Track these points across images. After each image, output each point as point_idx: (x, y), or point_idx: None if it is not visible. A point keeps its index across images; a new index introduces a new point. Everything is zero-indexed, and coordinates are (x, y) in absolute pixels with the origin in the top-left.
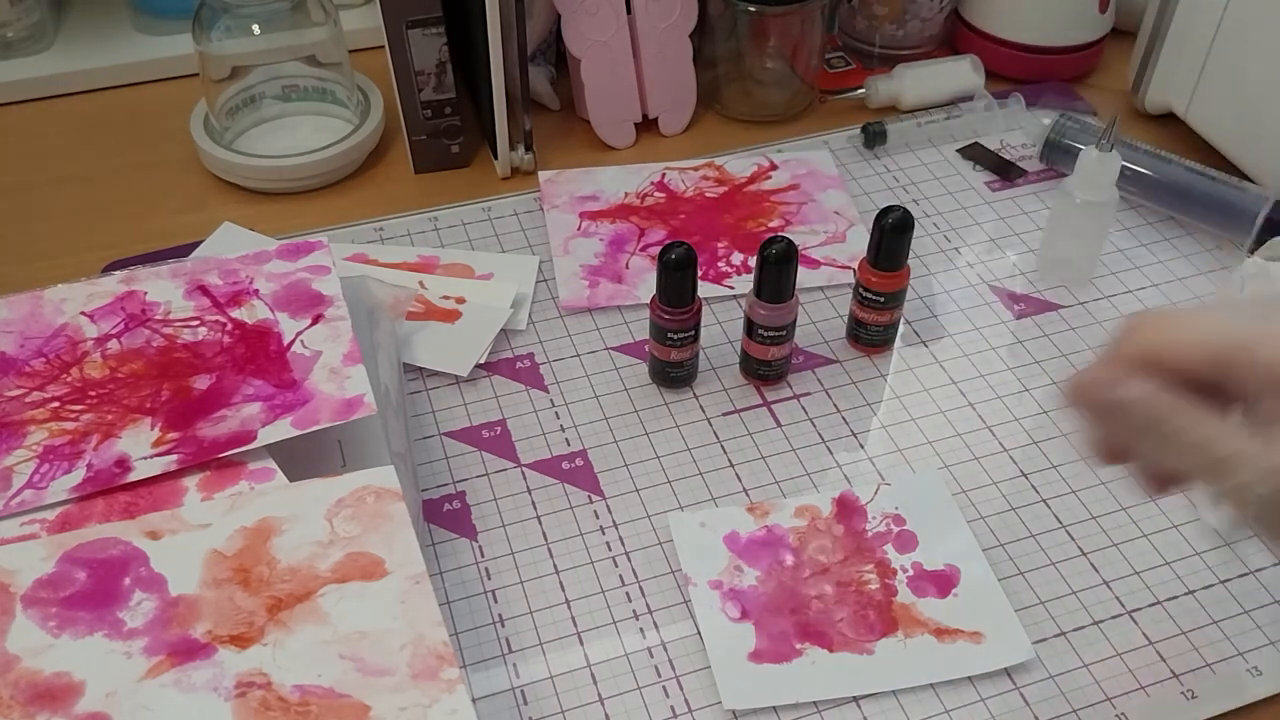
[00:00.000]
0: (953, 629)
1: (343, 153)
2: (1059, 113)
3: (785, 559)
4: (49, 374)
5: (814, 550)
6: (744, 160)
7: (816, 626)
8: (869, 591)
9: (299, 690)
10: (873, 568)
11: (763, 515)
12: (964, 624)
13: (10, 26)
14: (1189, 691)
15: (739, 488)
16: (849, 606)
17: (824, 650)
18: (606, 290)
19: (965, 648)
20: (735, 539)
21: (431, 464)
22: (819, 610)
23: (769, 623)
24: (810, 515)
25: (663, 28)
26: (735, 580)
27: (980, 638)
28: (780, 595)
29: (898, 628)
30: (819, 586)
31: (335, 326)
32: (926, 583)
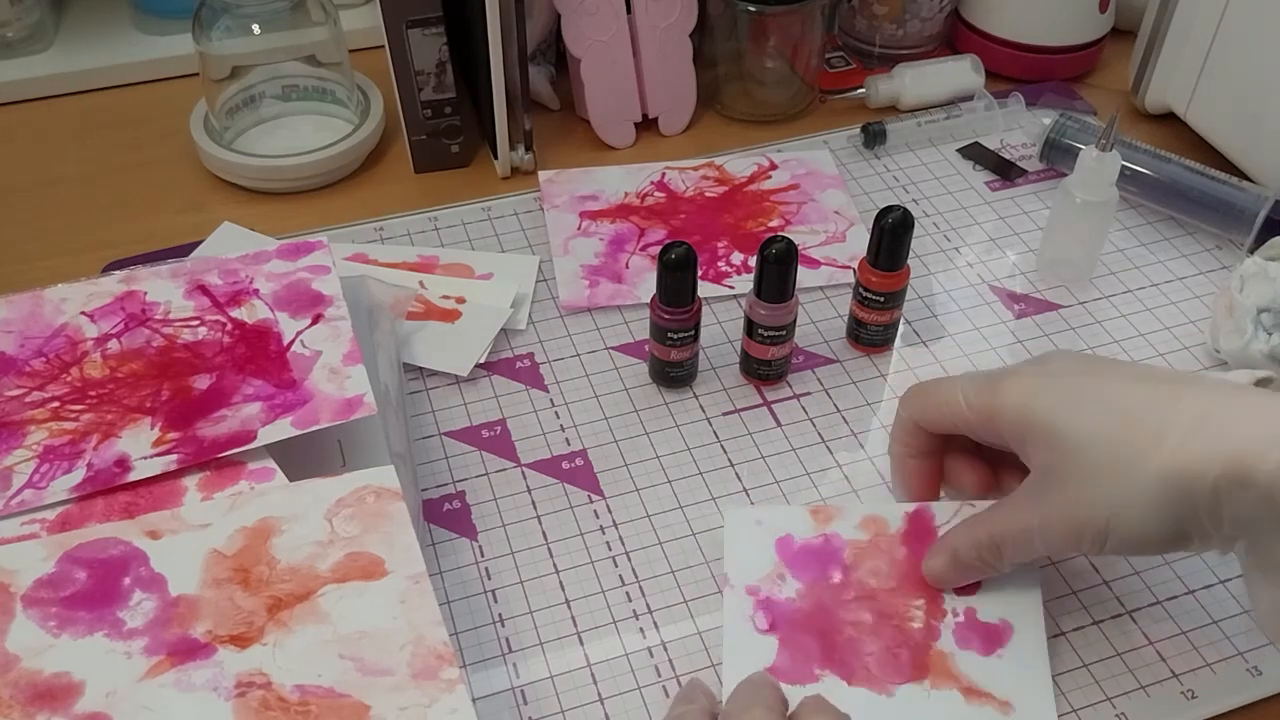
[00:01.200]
0: (984, 691)
1: (343, 153)
2: (1059, 113)
3: (833, 575)
4: (49, 374)
5: (866, 571)
6: (744, 160)
7: (843, 654)
8: (909, 629)
9: (299, 690)
10: (922, 604)
11: (825, 521)
12: (996, 689)
13: (10, 26)
14: (1189, 691)
15: (739, 488)
16: (883, 640)
17: (843, 681)
18: (606, 290)
19: (990, 715)
20: (788, 544)
21: (431, 464)
22: (850, 638)
23: (795, 641)
24: (875, 530)
25: (663, 28)
26: (774, 590)
27: (1009, 709)
28: (815, 615)
29: (927, 674)
30: (858, 613)
31: (335, 326)
32: (973, 635)
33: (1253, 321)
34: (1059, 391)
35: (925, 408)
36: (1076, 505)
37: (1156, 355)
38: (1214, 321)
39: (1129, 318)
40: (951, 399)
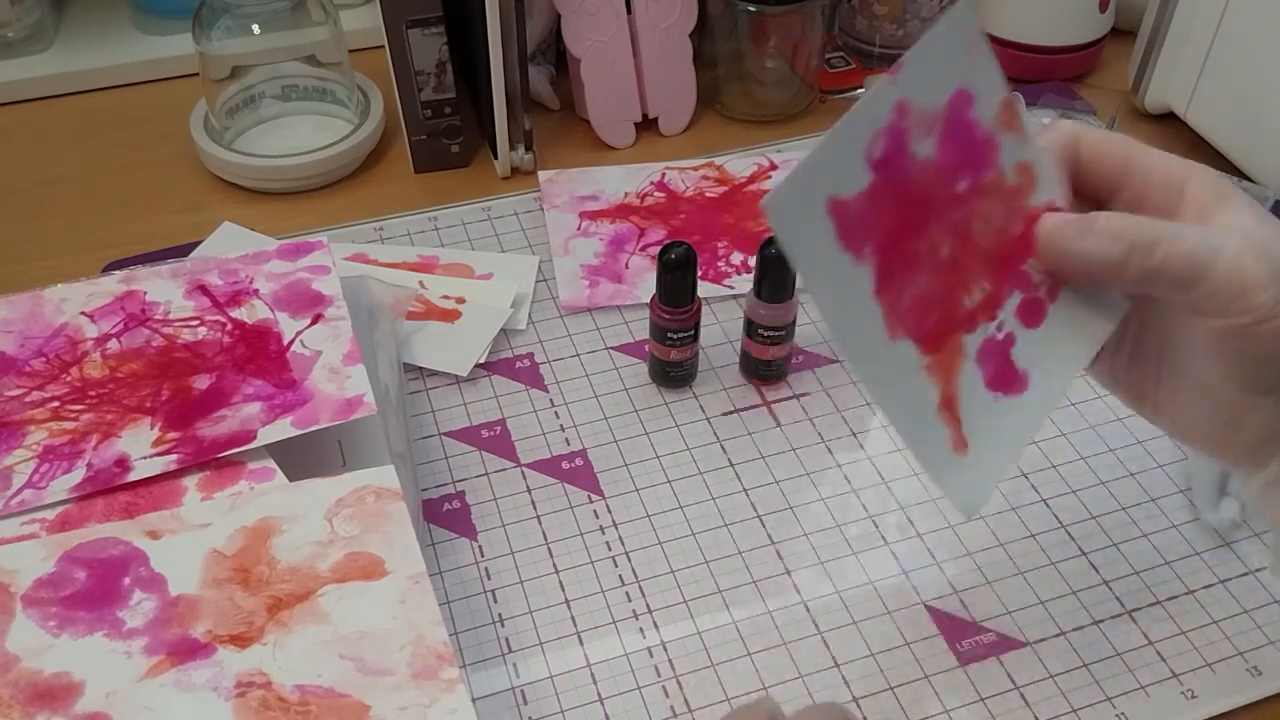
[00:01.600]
0: (957, 415)
1: (343, 153)
2: (1059, 112)
3: (961, 183)
4: (49, 374)
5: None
6: (744, 160)
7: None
8: (959, 300)
9: (299, 690)
10: (988, 289)
11: (1005, 126)
12: (967, 423)
13: (10, 26)
14: (1189, 691)
15: (739, 488)
16: (934, 283)
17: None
18: (606, 290)
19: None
20: (966, 103)
21: (431, 464)
22: (915, 251)
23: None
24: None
25: (663, 28)
26: (916, 132)
27: (964, 449)
28: (916, 199)
29: (934, 353)
30: (943, 236)
31: (335, 326)
32: (993, 362)
33: None
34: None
35: (1097, 135)
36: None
37: None
38: None
39: None
40: (1133, 141)
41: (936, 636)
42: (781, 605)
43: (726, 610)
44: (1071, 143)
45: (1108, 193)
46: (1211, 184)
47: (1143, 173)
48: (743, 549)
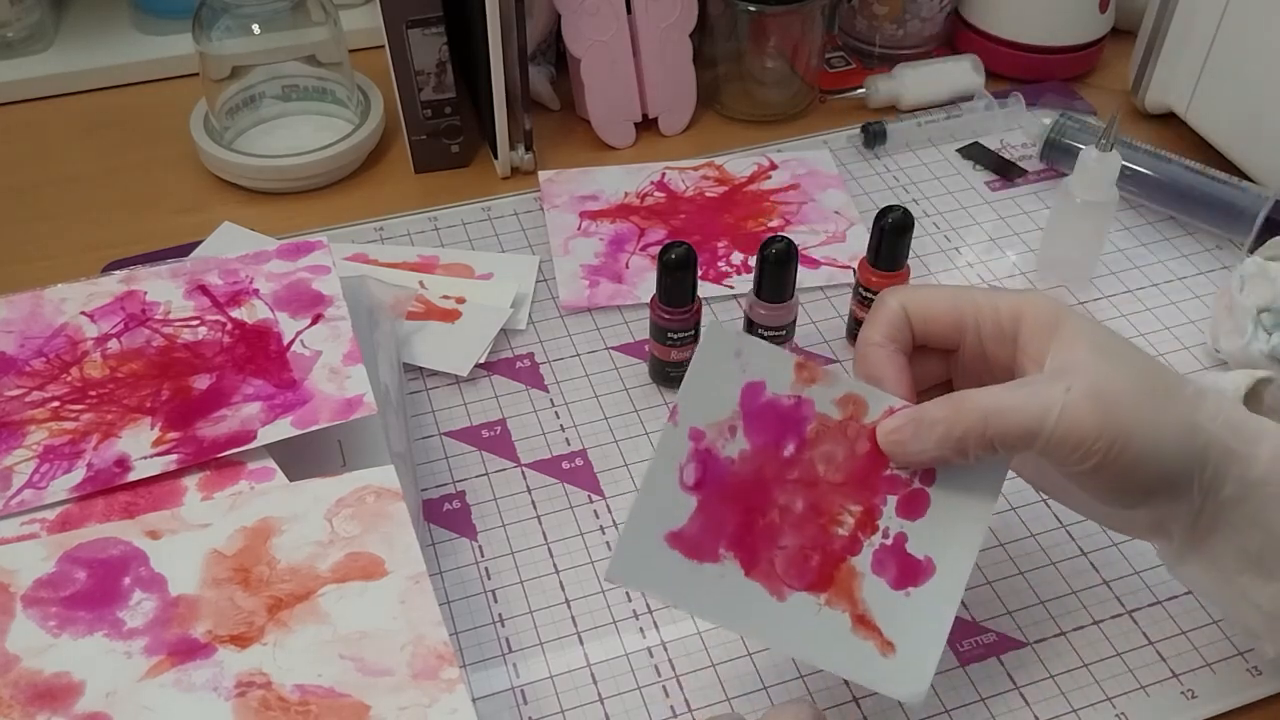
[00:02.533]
0: (874, 625)
1: (343, 153)
2: (1059, 112)
3: (786, 448)
4: (49, 374)
5: (821, 454)
6: (744, 160)
7: (755, 540)
8: (832, 534)
9: (299, 690)
10: (858, 511)
11: (807, 381)
12: (887, 627)
13: (10, 26)
14: (1189, 691)
15: None
16: (802, 538)
17: (741, 569)
18: (606, 290)
19: (869, 652)
20: (757, 393)
21: (431, 464)
22: (770, 523)
23: (713, 510)
24: (852, 412)
25: (663, 28)
26: (720, 443)
27: (890, 651)
28: (748, 487)
29: (827, 589)
30: (792, 498)
31: (335, 326)
32: (892, 563)
33: (1253, 321)
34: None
35: (924, 299)
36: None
37: (1157, 355)
38: (1214, 321)
39: (1129, 318)
40: (961, 291)
41: None
42: None
43: None
44: (900, 311)
45: (952, 343)
46: (1042, 323)
47: (974, 327)
48: None
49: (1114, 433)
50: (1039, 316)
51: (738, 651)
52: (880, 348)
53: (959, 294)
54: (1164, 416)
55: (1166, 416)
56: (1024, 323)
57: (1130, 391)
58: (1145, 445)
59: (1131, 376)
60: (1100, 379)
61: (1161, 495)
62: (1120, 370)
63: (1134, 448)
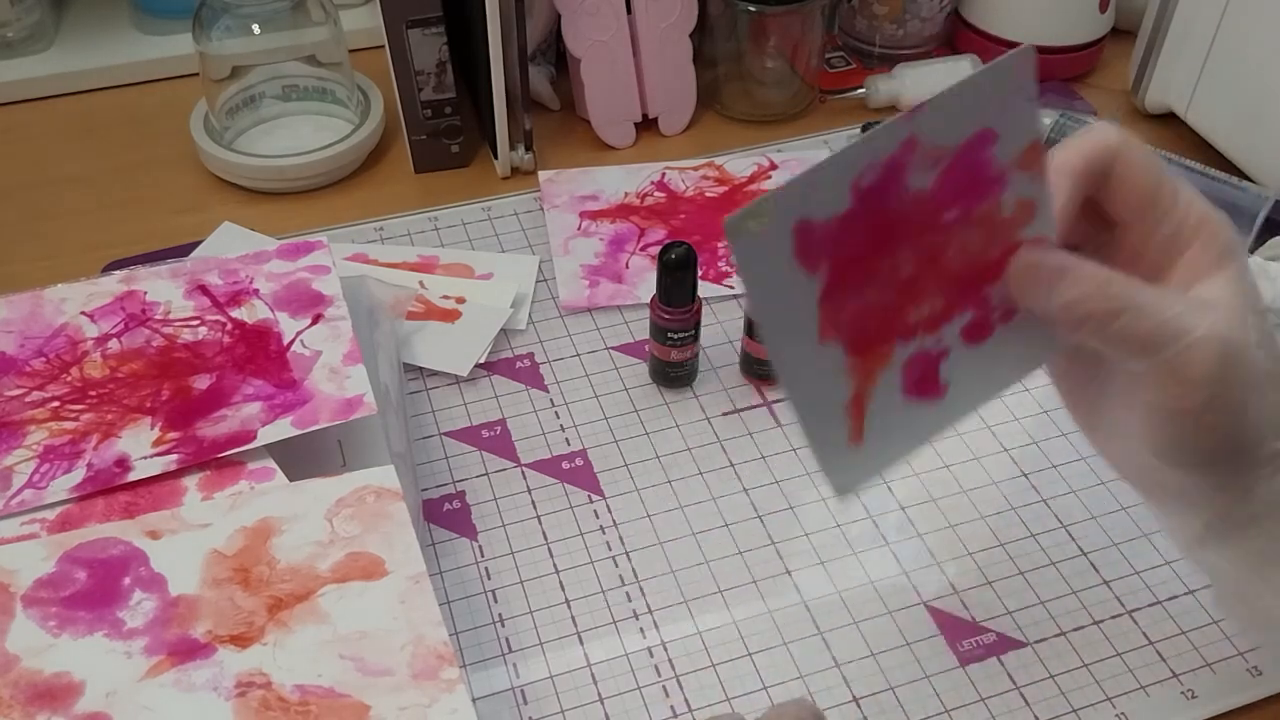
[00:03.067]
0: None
1: (343, 153)
2: (1059, 113)
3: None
4: (49, 374)
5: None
6: (744, 160)
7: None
8: (905, 313)
9: (299, 690)
10: (940, 306)
11: (1028, 166)
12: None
13: (10, 26)
14: (1189, 691)
15: (739, 487)
16: (883, 298)
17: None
18: (606, 290)
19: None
20: (985, 142)
21: (431, 464)
22: (873, 268)
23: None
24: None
25: (663, 28)
26: (917, 167)
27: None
28: (893, 224)
29: (859, 355)
30: (910, 258)
31: (335, 326)
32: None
33: None
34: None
35: (1140, 160)
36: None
37: None
38: None
39: None
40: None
41: (936, 636)
42: (781, 605)
43: (726, 610)
44: (1113, 153)
45: (1125, 216)
46: (1217, 247)
47: (1163, 214)
48: (743, 549)
49: (1224, 384)
50: (1219, 239)
51: (738, 651)
52: (1072, 176)
53: (1168, 175)
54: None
55: (1271, 395)
56: (1201, 238)
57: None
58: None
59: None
60: (1238, 330)
61: (1221, 467)
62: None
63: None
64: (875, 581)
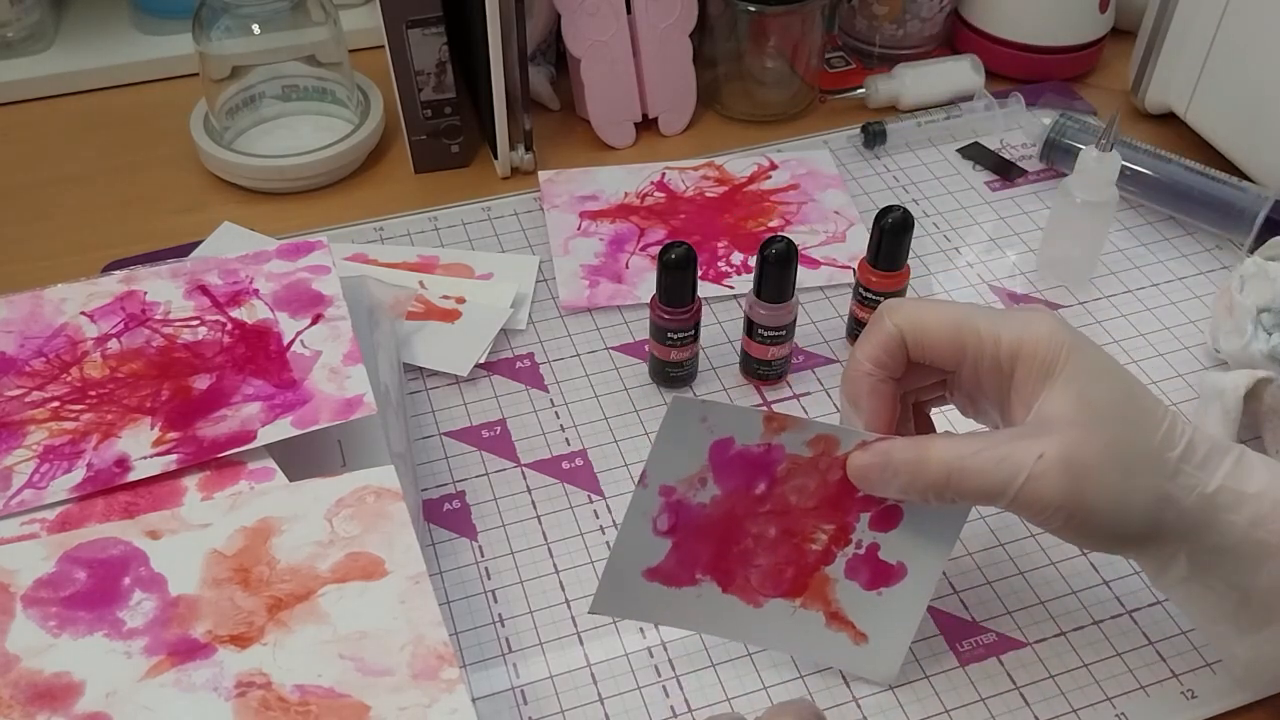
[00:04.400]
0: (847, 619)
1: (343, 153)
2: (1059, 112)
3: (757, 486)
4: (49, 374)
5: (792, 487)
6: (744, 160)
7: (730, 563)
8: (806, 550)
9: (299, 690)
10: (831, 529)
11: (776, 431)
12: (860, 620)
13: (10, 26)
14: (1189, 691)
15: None
16: (776, 556)
17: (718, 587)
18: (606, 290)
19: (843, 641)
20: (726, 448)
21: (431, 464)
22: (745, 549)
23: (688, 546)
24: (823, 449)
25: (663, 28)
26: (690, 493)
27: (863, 640)
28: (721, 523)
29: (802, 594)
30: (764, 526)
31: (335, 326)
32: (864, 569)
33: (1253, 321)
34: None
35: (924, 323)
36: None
37: (1156, 355)
38: (1214, 321)
39: (1129, 318)
40: (964, 317)
41: (936, 636)
42: None
43: None
44: (898, 335)
45: (947, 367)
46: (1037, 365)
47: (973, 359)
48: None
49: (1075, 504)
50: (1036, 357)
51: (738, 651)
52: (868, 375)
53: (961, 321)
54: (1133, 489)
55: (1136, 488)
56: (1020, 363)
57: (1102, 461)
58: (1107, 517)
59: (1109, 442)
60: (1074, 446)
61: (1129, 551)
62: (1100, 435)
63: (1096, 519)
64: None
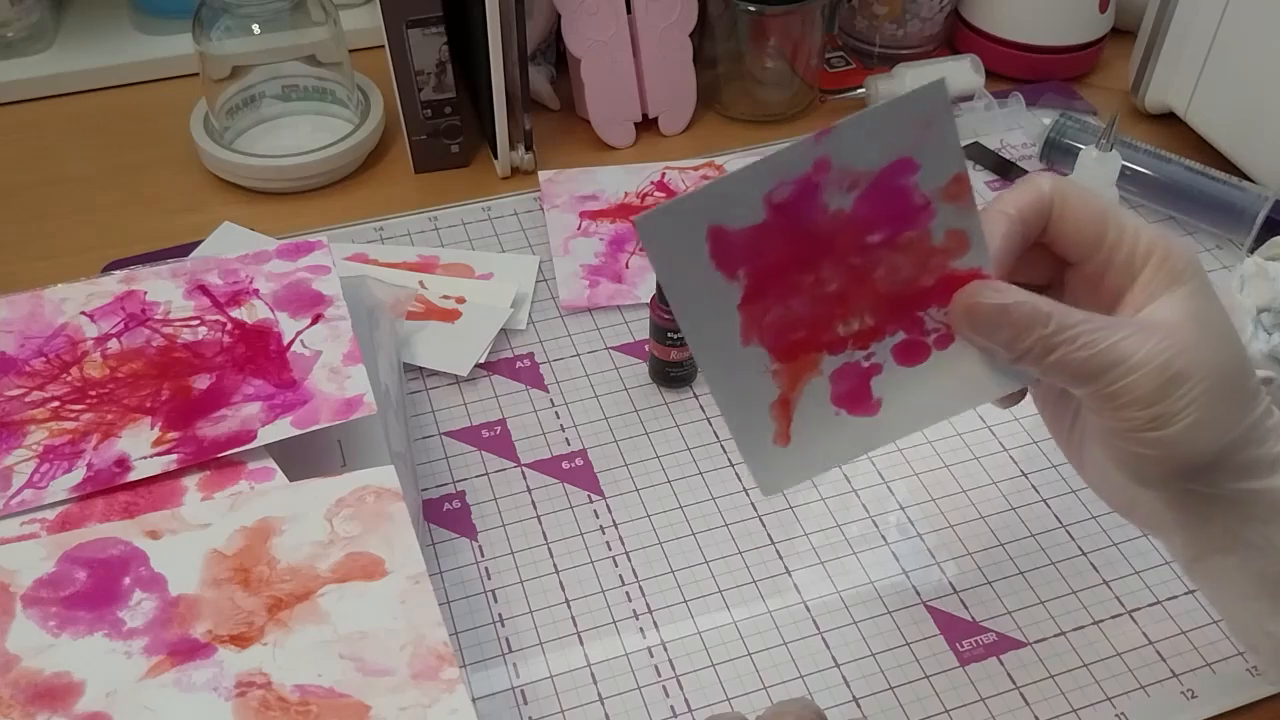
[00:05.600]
0: (789, 415)
1: (343, 153)
2: (1059, 112)
3: (875, 235)
4: (49, 374)
5: (892, 260)
6: (744, 160)
7: (772, 283)
8: (831, 327)
9: (299, 690)
10: (870, 324)
11: (953, 198)
12: (797, 423)
13: (10, 26)
14: (1189, 691)
15: (739, 487)
16: (806, 311)
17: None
18: (606, 290)
19: (764, 430)
20: (904, 170)
21: (431, 464)
22: (796, 281)
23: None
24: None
25: (663, 28)
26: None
27: (784, 442)
28: (814, 239)
29: (788, 362)
30: (835, 275)
31: (335, 326)
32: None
33: (1253, 321)
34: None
35: (1078, 198)
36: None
37: None
38: None
39: None
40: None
41: (936, 636)
42: (781, 605)
43: (726, 610)
44: (1049, 199)
45: (1075, 255)
46: (1168, 270)
47: (1110, 247)
48: (743, 549)
49: (1161, 408)
50: (1169, 259)
51: (738, 651)
52: (1006, 216)
53: (1108, 210)
54: (1219, 416)
55: (1221, 418)
56: (1153, 260)
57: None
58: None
59: (1214, 364)
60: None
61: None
62: (1205, 353)
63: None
64: (875, 581)
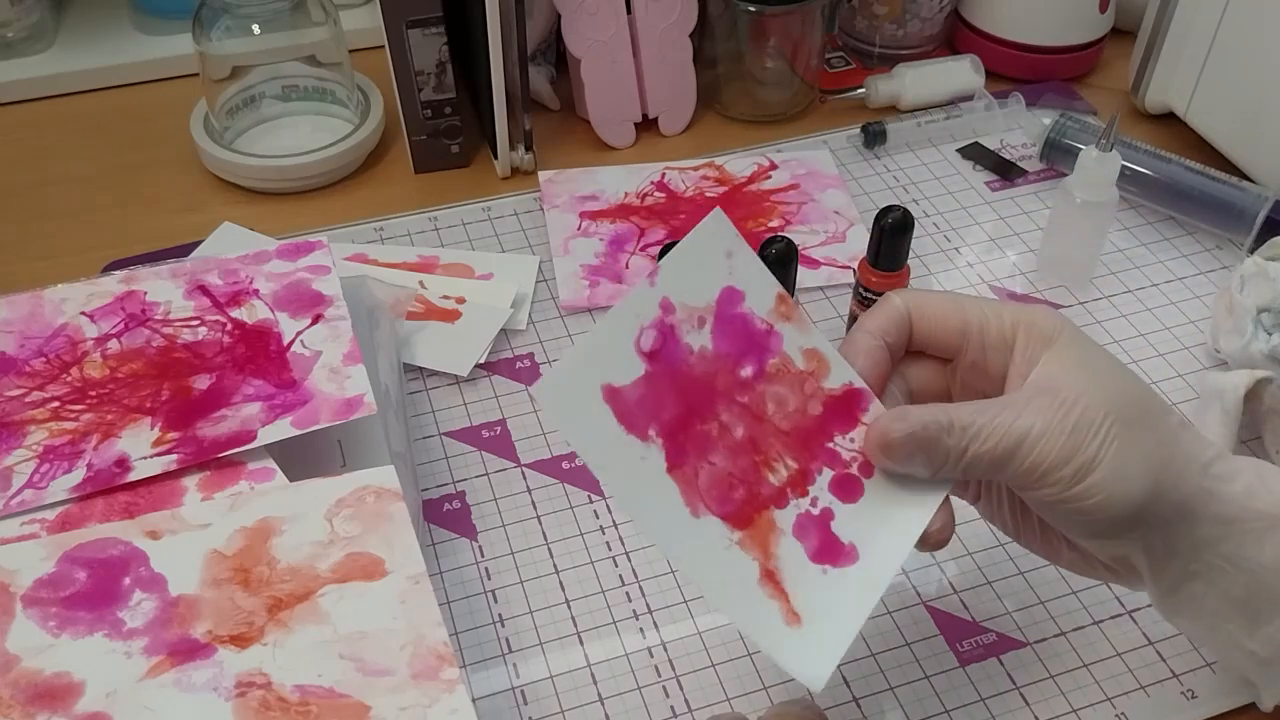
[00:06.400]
0: (782, 588)
1: (343, 153)
2: (1059, 112)
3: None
4: (49, 374)
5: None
6: (744, 160)
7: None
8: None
9: (299, 690)
10: (794, 468)
11: (784, 316)
12: (796, 597)
13: (10, 26)
14: (1189, 691)
15: None
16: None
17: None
18: (606, 290)
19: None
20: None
21: (431, 464)
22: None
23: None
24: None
25: (663, 28)
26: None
27: (797, 622)
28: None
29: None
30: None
31: (335, 326)
32: (815, 535)
33: (1253, 321)
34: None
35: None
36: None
37: (1156, 355)
38: (1214, 321)
39: (1129, 318)
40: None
41: (937, 636)
42: None
43: None
44: (904, 311)
45: (953, 349)
46: (1038, 334)
47: (977, 334)
48: None
49: (1081, 460)
50: (1038, 327)
51: (738, 651)
52: (869, 336)
53: (966, 301)
54: (1135, 446)
55: (1138, 446)
56: (1021, 331)
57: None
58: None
59: (1110, 399)
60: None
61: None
62: (1099, 392)
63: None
64: None
